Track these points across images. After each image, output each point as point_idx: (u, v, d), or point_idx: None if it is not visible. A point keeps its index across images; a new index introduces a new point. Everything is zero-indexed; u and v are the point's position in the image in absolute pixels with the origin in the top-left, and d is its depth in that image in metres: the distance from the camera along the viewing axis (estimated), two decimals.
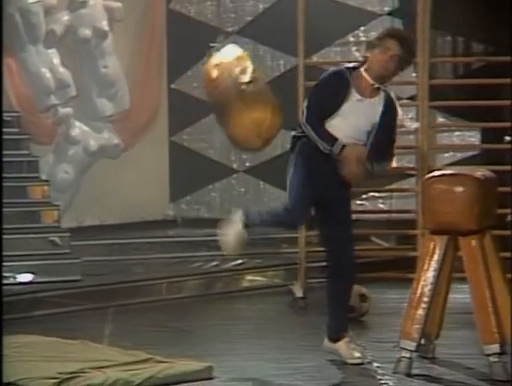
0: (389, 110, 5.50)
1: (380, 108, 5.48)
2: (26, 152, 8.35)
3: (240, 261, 8.69)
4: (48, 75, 9.43)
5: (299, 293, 7.58)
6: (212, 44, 5.68)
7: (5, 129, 8.11)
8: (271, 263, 8.67)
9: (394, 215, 7.52)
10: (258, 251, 9.08)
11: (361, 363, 5.51)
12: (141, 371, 5.24)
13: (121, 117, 10.12)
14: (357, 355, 5.56)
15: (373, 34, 7.79)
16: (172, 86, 10.46)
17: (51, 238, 7.77)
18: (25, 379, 5.06)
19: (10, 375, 4.95)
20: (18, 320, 6.75)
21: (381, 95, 5.50)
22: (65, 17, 9.70)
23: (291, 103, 7.86)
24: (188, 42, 10.28)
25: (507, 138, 8.49)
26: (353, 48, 9.63)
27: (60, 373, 5.10)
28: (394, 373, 5.38)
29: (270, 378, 5.37)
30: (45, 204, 8.17)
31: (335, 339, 5.59)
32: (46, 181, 8.46)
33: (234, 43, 5.79)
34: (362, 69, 5.46)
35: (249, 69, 5.71)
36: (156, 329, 6.67)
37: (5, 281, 7.13)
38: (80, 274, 7.75)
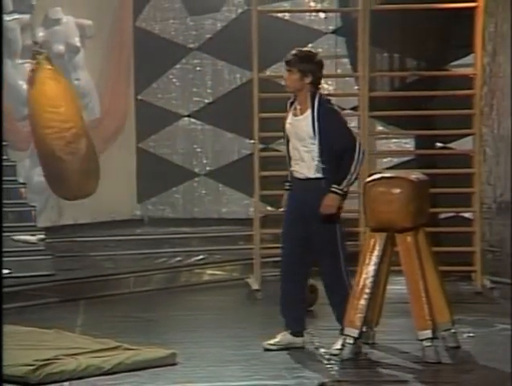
0: (323, 116, 5.35)
1: (310, 118, 5.35)
2: (4, 157, 8.30)
3: (201, 257, 8.70)
4: (25, 86, 9.37)
5: (254, 285, 7.60)
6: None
7: None
8: (229, 258, 8.68)
9: None
10: (217, 247, 9.13)
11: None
12: (110, 358, 5.26)
13: (93, 124, 10.06)
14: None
15: (320, 51, 7.87)
16: (139, 97, 10.42)
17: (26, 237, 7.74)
18: (3, 367, 5.03)
19: None
20: None
21: (311, 108, 5.39)
22: (40, 33, 9.65)
23: (247, 112, 7.91)
24: (153, 57, 10.27)
25: (438, 145, 8.60)
26: None
27: (36, 360, 5.09)
28: (339, 357, 5.43)
29: (228, 363, 5.38)
30: (22, 205, 8.12)
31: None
32: (23, 184, 8.41)
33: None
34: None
35: None
36: (124, 319, 6.66)
37: None
38: (54, 269, 7.72)
